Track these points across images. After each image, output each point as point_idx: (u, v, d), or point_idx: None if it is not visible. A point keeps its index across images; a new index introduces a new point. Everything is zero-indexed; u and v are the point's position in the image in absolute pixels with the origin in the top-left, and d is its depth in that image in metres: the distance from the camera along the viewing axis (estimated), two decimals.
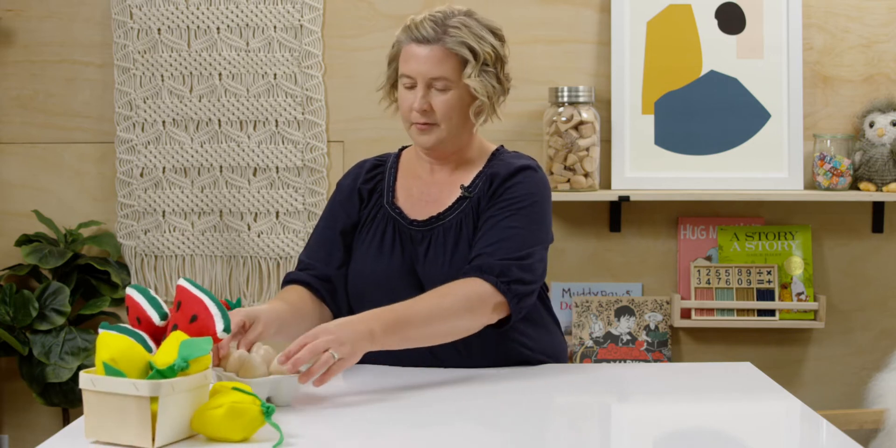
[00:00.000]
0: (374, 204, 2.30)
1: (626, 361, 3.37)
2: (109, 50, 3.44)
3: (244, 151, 3.41)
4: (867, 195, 3.28)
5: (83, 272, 3.44)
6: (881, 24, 3.38)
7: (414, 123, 2.21)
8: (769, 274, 3.36)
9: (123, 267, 3.47)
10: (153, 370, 1.61)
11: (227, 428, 1.63)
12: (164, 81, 3.42)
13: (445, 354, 2.18)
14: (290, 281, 2.28)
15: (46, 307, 3.32)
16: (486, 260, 2.12)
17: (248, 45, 3.39)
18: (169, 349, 1.64)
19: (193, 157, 3.43)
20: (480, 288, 2.09)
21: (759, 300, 3.35)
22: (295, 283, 2.27)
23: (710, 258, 3.42)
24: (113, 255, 3.45)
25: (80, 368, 3.25)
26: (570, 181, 3.28)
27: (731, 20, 3.36)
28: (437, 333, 2.07)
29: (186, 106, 3.41)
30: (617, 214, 3.42)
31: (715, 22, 3.36)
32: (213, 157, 3.42)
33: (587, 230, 3.44)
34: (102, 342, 1.64)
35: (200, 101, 3.41)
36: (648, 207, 3.44)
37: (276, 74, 3.39)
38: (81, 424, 1.71)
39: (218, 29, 3.39)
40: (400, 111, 2.25)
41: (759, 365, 2.48)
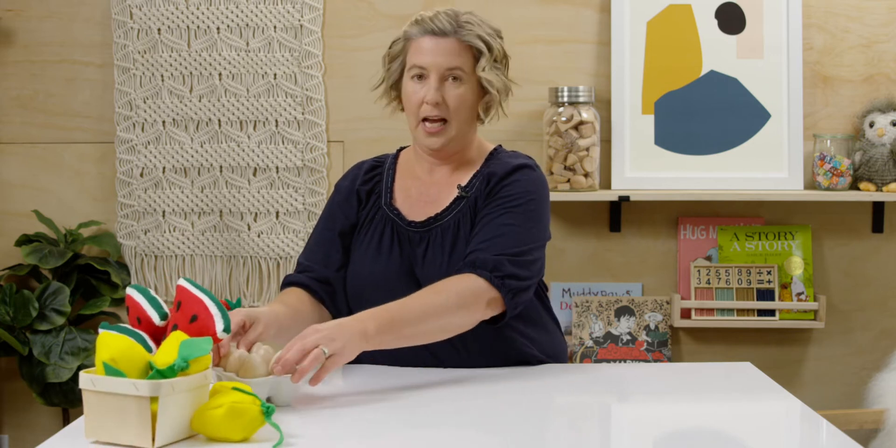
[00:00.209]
0: (372, 205, 2.29)
1: (626, 361, 3.37)
2: (109, 50, 3.44)
3: (244, 151, 3.41)
4: (867, 195, 3.28)
5: (83, 272, 3.44)
6: (881, 24, 3.38)
7: (424, 118, 2.20)
8: (769, 274, 3.36)
9: (123, 267, 3.47)
10: (153, 370, 1.61)
11: (227, 428, 1.63)
12: (164, 81, 3.42)
13: (445, 354, 2.18)
14: (288, 283, 2.28)
15: (46, 307, 3.32)
16: (479, 255, 2.12)
17: (248, 45, 3.39)
18: (169, 349, 1.64)
19: (193, 157, 3.43)
20: (474, 283, 2.09)
21: (759, 300, 3.35)
22: (294, 285, 2.26)
23: (710, 258, 3.42)
24: (113, 255, 3.45)
25: (80, 368, 3.25)
26: (570, 181, 3.28)
27: (731, 20, 3.36)
28: (431, 331, 2.06)
29: (186, 106, 3.41)
30: (617, 214, 3.42)
31: (715, 22, 3.36)
32: (213, 157, 3.42)
33: (587, 230, 3.44)
34: (102, 342, 1.64)
35: (200, 101, 3.41)
36: (648, 207, 3.44)
37: (276, 74, 3.39)
38: (81, 424, 1.71)
39: (218, 29, 3.39)
40: (407, 106, 2.23)
41: (759, 365, 2.48)
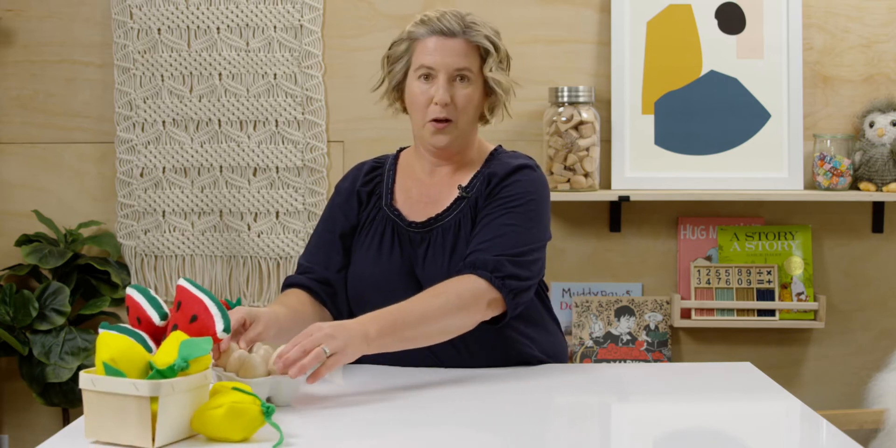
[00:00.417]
0: (373, 206, 2.29)
1: (626, 361, 3.37)
2: (109, 50, 3.44)
3: (244, 151, 3.41)
4: (867, 195, 3.28)
5: (83, 272, 3.44)
6: (881, 24, 3.38)
7: (432, 119, 2.20)
8: (769, 274, 3.36)
9: (123, 267, 3.47)
10: (153, 370, 1.61)
11: (227, 428, 1.63)
12: (164, 81, 3.42)
13: (445, 354, 2.18)
14: (289, 285, 2.27)
15: (46, 307, 3.32)
16: (479, 256, 2.12)
17: (248, 45, 3.39)
18: (169, 349, 1.64)
19: (193, 157, 3.43)
20: (474, 284, 2.09)
21: (759, 300, 3.35)
22: (294, 286, 2.26)
23: (710, 258, 3.42)
24: (113, 255, 3.45)
25: (80, 368, 3.25)
26: (570, 181, 3.28)
27: (731, 20, 3.36)
28: (431, 333, 2.06)
29: (186, 106, 3.41)
30: (617, 214, 3.42)
31: (715, 22, 3.36)
32: (213, 157, 3.42)
33: (587, 230, 3.44)
34: (102, 342, 1.64)
35: (200, 101, 3.41)
36: (648, 207, 3.44)
37: (276, 74, 3.39)
38: (81, 424, 1.71)
39: (218, 29, 3.39)
40: (412, 106, 2.23)
41: (759, 365, 2.48)
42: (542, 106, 3.36)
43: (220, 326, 1.78)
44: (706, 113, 3.36)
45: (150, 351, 1.71)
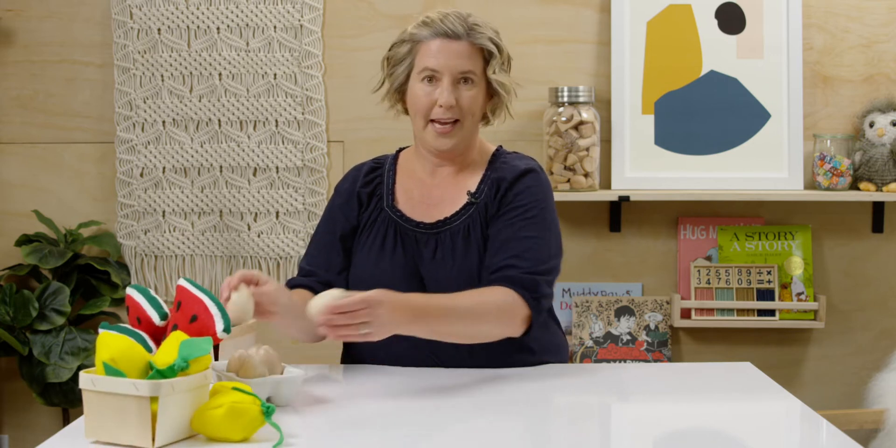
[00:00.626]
0: (373, 207, 2.29)
1: (626, 361, 3.37)
2: (109, 50, 3.44)
3: (244, 151, 3.41)
4: (867, 195, 3.28)
5: (83, 272, 3.44)
6: (881, 24, 3.38)
7: (434, 120, 2.20)
8: (769, 274, 3.36)
9: (123, 267, 3.47)
10: (153, 370, 1.61)
11: (227, 428, 1.63)
12: (164, 81, 3.42)
13: (445, 354, 2.19)
14: (292, 286, 2.28)
15: (46, 307, 3.32)
16: (512, 273, 2.15)
17: (248, 45, 3.39)
18: (169, 349, 1.64)
19: (193, 157, 3.43)
20: (512, 299, 2.13)
21: (759, 300, 3.35)
22: (298, 288, 2.27)
23: (710, 258, 3.42)
24: (113, 255, 3.45)
25: (80, 368, 3.25)
26: (570, 181, 3.28)
27: (731, 20, 3.36)
28: (463, 333, 2.10)
29: (186, 106, 3.41)
30: (617, 214, 3.42)
31: (715, 22, 3.36)
32: (213, 157, 3.42)
33: (587, 230, 3.44)
34: (102, 342, 1.64)
35: (200, 101, 3.41)
36: (648, 207, 3.44)
37: (276, 74, 3.39)
38: (81, 424, 1.71)
39: (218, 29, 3.39)
40: (414, 108, 2.23)
41: (759, 365, 2.48)
42: (542, 106, 3.36)
43: (220, 326, 1.78)
44: (706, 113, 3.36)
45: (150, 351, 1.71)
